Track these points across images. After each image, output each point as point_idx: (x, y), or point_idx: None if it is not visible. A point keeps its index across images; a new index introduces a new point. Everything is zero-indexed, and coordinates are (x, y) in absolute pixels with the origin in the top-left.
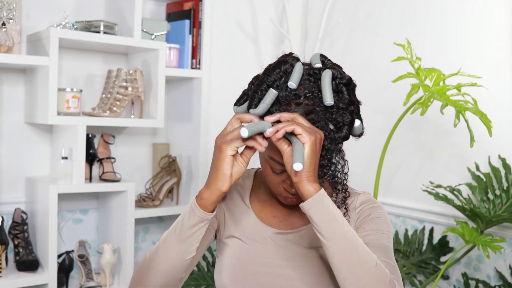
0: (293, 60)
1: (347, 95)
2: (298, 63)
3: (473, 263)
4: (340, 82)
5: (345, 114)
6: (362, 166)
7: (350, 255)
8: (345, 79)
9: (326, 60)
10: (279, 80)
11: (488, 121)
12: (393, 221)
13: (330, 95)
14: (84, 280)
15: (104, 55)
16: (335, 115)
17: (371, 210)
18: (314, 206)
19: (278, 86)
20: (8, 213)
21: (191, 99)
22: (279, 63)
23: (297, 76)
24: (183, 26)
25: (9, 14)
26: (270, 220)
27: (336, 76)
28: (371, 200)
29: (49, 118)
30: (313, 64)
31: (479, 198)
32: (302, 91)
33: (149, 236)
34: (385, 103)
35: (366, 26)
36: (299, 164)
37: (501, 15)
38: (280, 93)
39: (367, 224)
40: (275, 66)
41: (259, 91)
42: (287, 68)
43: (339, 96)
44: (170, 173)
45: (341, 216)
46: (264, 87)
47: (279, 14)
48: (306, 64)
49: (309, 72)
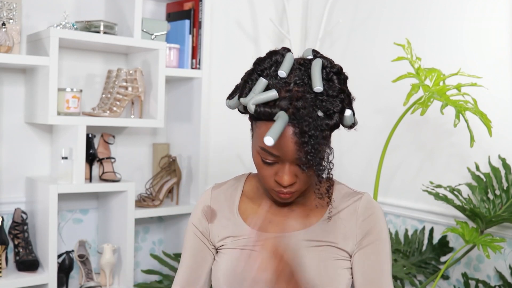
0: (284, 51)
1: (337, 83)
2: (289, 53)
3: (473, 263)
4: (331, 71)
5: (335, 102)
6: (362, 166)
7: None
8: (335, 68)
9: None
10: (269, 69)
11: (488, 121)
12: (393, 221)
13: (319, 82)
14: (84, 280)
15: (104, 55)
16: (325, 103)
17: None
18: None
19: (268, 75)
20: (8, 213)
21: (191, 99)
22: (270, 53)
23: (287, 65)
24: (183, 26)
25: (9, 14)
26: (265, 225)
27: (326, 65)
28: (372, 208)
29: (49, 118)
30: (305, 56)
31: (479, 198)
32: (292, 78)
33: (149, 236)
34: (385, 103)
35: (366, 26)
36: (270, 139)
37: (501, 15)
38: (270, 81)
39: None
40: (266, 57)
41: (249, 81)
42: (278, 58)
43: (329, 84)
44: (170, 173)
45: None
46: (254, 76)
47: (279, 14)
48: (299, 58)
49: (300, 61)
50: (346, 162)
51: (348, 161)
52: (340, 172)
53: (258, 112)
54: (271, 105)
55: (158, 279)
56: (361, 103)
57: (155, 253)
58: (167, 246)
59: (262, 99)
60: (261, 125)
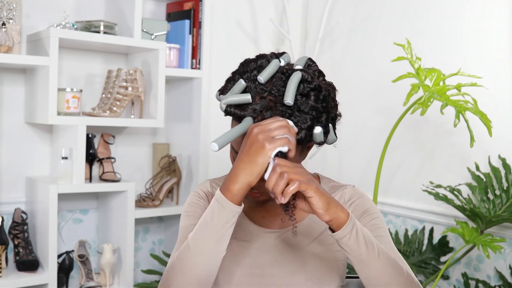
0: (272, 57)
1: (312, 100)
2: (275, 60)
3: (473, 263)
4: (308, 86)
5: (305, 118)
6: (362, 166)
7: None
8: (312, 84)
9: (312, 64)
10: (251, 72)
11: (488, 121)
12: (393, 221)
13: (291, 96)
14: (84, 280)
15: (104, 55)
16: (293, 117)
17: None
18: (346, 235)
19: (249, 78)
20: (8, 213)
21: (191, 99)
22: (258, 57)
23: (268, 72)
24: (183, 26)
25: (9, 14)
26: (260, 220)
27: (305, 79)
28: (358, 193)
29: (49, 118)
30: (295, 65)
31: (479, 198)
32: (269, 86)
33: (149, 236)
34: (385, 103)
35: (366, 26)
36: (215, 145)
37: (501, 15)
38: (249, 84)
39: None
40: (253, 59)
41: (232, 80)
42: (263, 63)
43: (303, 99)
44: (170, 173)
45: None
46: (237, 76)
47: (279, 14)
48: (290, 65)
49: (283, 70)
50: (346, 162)
51: (348, 161)
52: (340, 172)
53: (228, 112)
54: (243, 108)
55: (158, 279)
56: (361, 103)
57: (155, 253)
58: (167, 246)
59: (235, 101)
60: (234, 124)
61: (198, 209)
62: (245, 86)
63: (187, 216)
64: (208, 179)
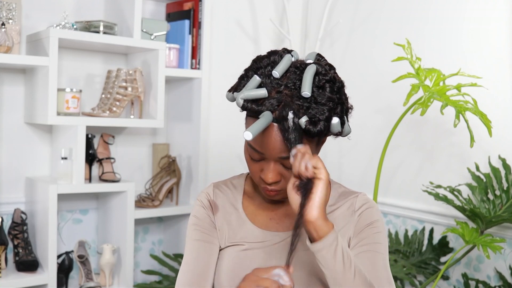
0: (284, 52)
1: (328, 92)
2: (287, 55)
3: (473, 264)
4: (323, 78)
5: (322, 109)
6: (362, 166)
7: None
8: (328, 76)
9: (322, 59)
10: (265, 68)
11: (488, 121)
12: (393, 221)
13: (308, 87)
14: (84, 280)
15: (104, 55)
16: (311, 109)
17: (370, 218)
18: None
19: (263, 74)
20: (8, 213)
21: (191, 99)
22: (270, 53)
23: (282, 66)
24: (183, 26)
25: (9, 14)
26: (266, 223)
27: (320, 72)
28: (369, 203)
29: (49, 118)
30: (306, 60)
31: (479, 198)
32: (285, 81)
33: (148, 236)
34: (385, 103)
35: (366, 26)
36: (249, 133)
37: (501, 15)
38: (264, 80)
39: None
40: (265, 55)
41: (245, 77)
42: (276, 58)
43: (319, 91)
44: (170, 173)
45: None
46: (250, 73)
47: (279, 14)
48: (301, 60)
49: (297, 65)
50: (346, 162)
51: (348, 161)
52: (340, 172)
53: (245, 107)
54: (260, 103)
55: (157, 279)
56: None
57: (155, 254)
58: (166, 246)
59: (251, 96)
60: (249, 121)
61: (205, 222)
62: (260, 82)
63: (195, 230)
64: (212, 183)
